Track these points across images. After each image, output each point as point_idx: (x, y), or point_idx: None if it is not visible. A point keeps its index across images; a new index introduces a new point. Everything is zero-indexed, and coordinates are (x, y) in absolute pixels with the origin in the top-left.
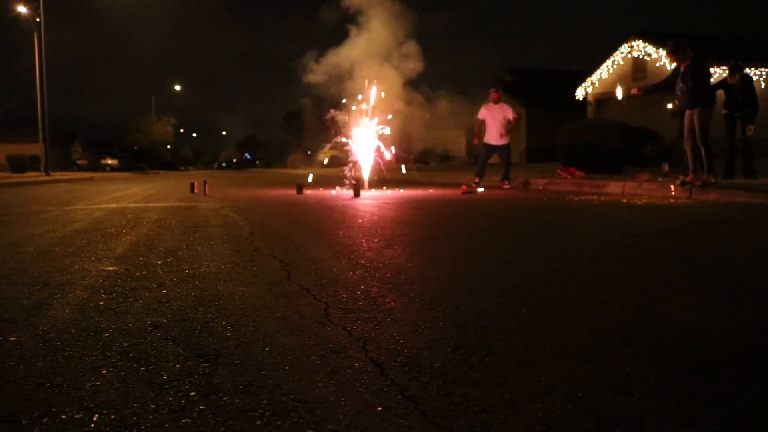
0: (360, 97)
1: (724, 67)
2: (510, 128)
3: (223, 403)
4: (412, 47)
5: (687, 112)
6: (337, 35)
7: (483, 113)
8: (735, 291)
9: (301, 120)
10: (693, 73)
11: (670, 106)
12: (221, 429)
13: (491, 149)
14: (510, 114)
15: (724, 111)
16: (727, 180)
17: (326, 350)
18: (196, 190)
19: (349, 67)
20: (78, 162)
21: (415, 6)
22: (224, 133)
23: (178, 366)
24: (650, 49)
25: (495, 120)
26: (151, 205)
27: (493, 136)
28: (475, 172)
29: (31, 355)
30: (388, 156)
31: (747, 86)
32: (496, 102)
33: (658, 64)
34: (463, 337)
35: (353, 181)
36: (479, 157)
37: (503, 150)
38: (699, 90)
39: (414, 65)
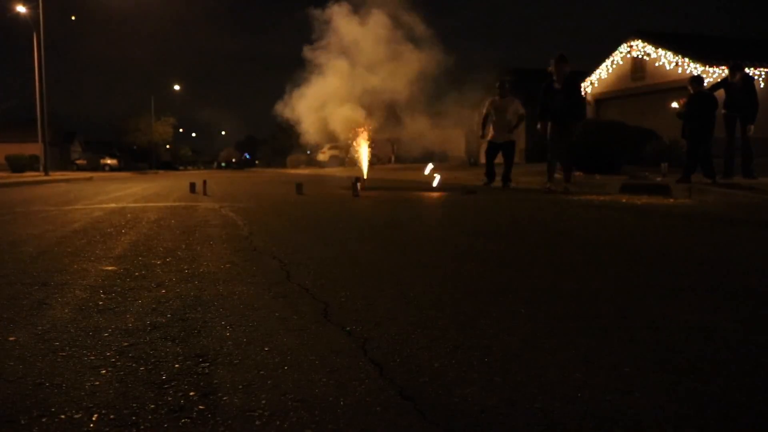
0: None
1: (723, 67)
2: (517, 125)
3: (223, 402)
4: (410, 49)
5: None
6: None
7: (488, 108)
8: (735, 291)
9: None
10: (568, 90)
11: (675, 105)
12: (220, 429)
13: (495, 147)
14: (519, 109)
15: (723, 111)
16: (727, 180)
17: (325, 350)
18: (195, 190)
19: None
20: (77, 162)
21: (413, 7)
22: (223, 132)
23: (177, 366)
24: (649, 48)
25: (500, 115)
26: (150, 204)
27: (497, 132)
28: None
29: (30, 354)
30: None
31: (747, 86)
32: (504, 96)
33: (657, 64)
34: (463, 337)
35: (352, 181)
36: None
37: (507, 148)
38: (573, 106)
39: (413, 67)
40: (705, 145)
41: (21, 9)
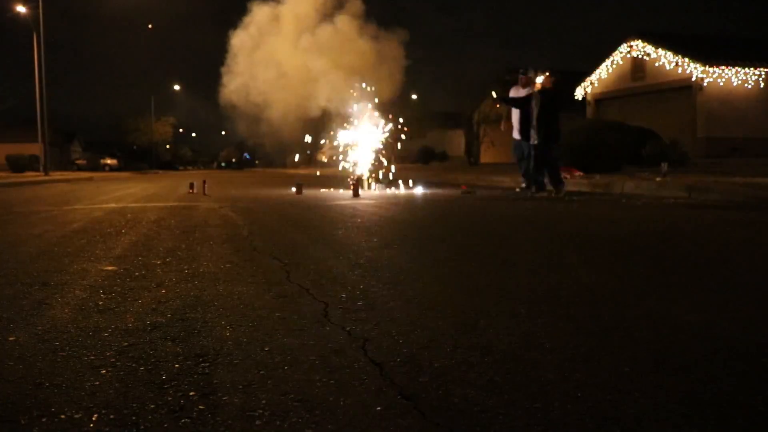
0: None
1: (723, 67)
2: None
3: (223, 402)
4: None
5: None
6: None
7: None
8: (734, 291)
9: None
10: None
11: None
12: (220, 429)
13: (516, 144)
14: (534, 104)
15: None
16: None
17: (325, 350)
18: (194, 190)
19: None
20: (77, 162)
21: (414, 8)
22: (223, 132)
23: (177, 366)
24: (649, 48)
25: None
26: (150, 205)
27: (516, 128)
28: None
29: (30, 354)
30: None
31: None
32: (524, 86)
33: (657, 64)
34: (463, 337)
35: (353, 181)
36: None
37: (529, 145)
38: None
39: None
40: (556, 150)
41: (21, 9)
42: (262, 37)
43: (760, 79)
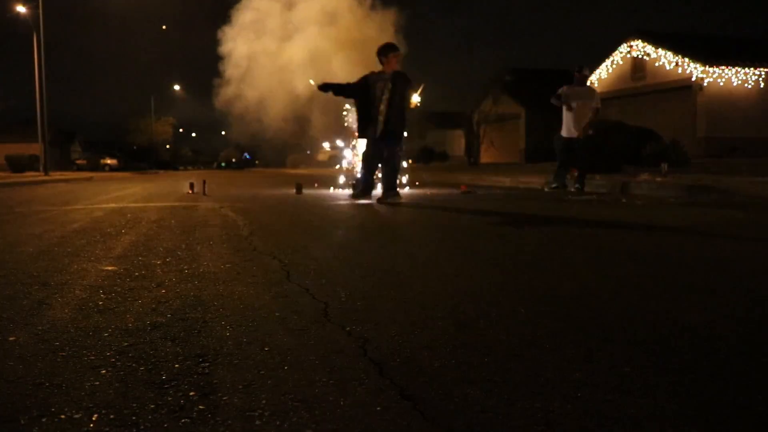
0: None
1: (723, 67)
2: (590, 120)
3: (223, 402)
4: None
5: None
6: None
7: (564, 94)
8: (735, 291)
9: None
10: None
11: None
12: (220, 429)
13: (566, 143)
14: (592, 101)
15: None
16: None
17: (325, 350)
18: (195, 190)
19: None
20: (77, 162)
21: (415, 9)
22: (223, 132)
23: (177, 366)
24: (649, 48)
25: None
26: (150, 204)
27: (567, 126)
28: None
29: (30, 354)
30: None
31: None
32: (581, 84)
33: (657, 64)
34: (463, 337)
35: (352, 181)
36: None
37: (577, 144)
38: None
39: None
40: (399, 149)
41: (21, 9)
42: (254, 37)
43: (760, 79)
